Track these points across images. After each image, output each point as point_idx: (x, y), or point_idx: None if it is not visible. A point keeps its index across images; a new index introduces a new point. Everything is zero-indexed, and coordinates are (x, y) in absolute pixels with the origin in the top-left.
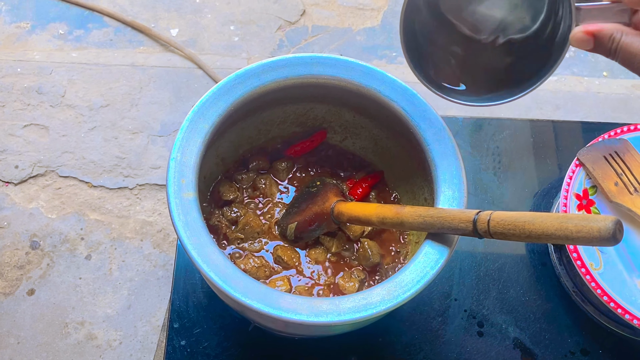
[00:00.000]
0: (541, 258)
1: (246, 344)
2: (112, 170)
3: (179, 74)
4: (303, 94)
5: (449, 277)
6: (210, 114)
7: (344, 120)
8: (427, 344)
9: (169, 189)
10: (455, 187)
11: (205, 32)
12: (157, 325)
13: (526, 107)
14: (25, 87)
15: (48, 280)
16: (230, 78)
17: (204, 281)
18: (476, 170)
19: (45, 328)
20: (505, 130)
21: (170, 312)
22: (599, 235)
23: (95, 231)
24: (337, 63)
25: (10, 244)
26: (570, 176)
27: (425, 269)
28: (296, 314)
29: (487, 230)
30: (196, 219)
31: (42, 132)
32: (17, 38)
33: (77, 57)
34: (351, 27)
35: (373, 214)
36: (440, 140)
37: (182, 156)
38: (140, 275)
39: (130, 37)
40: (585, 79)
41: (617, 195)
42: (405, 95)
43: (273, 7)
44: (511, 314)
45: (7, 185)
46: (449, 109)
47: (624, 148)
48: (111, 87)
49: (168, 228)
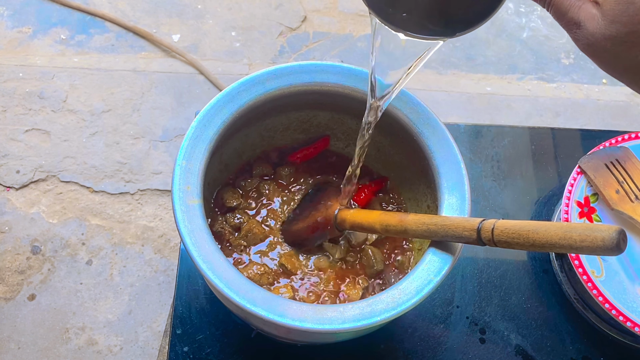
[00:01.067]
0: (543, 265)
1: (249, 351)
2: (114, 176)
3: (180, 80)
4: (307, 101)
5: (451, 284)
6: (215, 121)
7: (347, 128)
8: (429, 351)
9: (174, 195)
10: (459, 194)
11: (206, 37)
12: (158, 330)
13: (526, 114)
14: (27, 92)
15: (49, 285)
16: (235, 85)
17: (206, 287)
18: (477, 177)
19: (46, 333)
20: (505, 138)
21: (173, 318)
22: (603, 244)
23: (96, 236)
24: (341, 71)
25: (11, 248)
26: (571, 184)
27: (429, 277)
28: (301, 321)
29: (491, 238)
30: (201, 226)
31: (44, 137)
32: (19, 43)
33: (79, 62)
34: (352, 34)
35: (376, 221)
36: (444, 147)
37: (187, 163)
38: (141, 280)
39: (131, 42)
40: (585, 87)
41: (619, 203)
42: (409, 102)
43: (274, 13)
44: (513, 321)
45: (9, 190)
46: (450, 115)
47: (625, 156)
48: (113, 92)
49: (169, 233)
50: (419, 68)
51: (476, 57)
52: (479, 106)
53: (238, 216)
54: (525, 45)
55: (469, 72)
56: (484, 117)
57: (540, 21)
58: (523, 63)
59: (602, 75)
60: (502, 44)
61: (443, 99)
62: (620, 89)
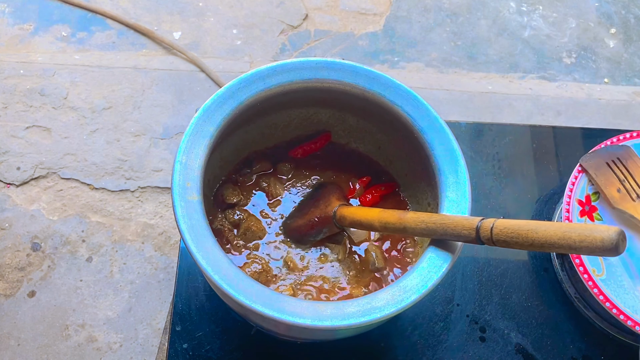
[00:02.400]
0: (543, 264)
1: (248, 348)
2: (114, 173)
3: (181, 77)
4: (308, 98)
5: (452, 282)
6: (215, 117)
7: (347, 125)
8: (429, 349)
9: (174, 191)
10: (460, 192)
11: (207, 35)
12: (158, 328)
13: (527, 113)
14: (28, 89)
15: (49, 282)
16: (236, 81)
17: (206, 284)
18: (478, 175)
19: (46, 330)
20: (506, 136)
21: (173, 315)
22: (602, 245)
23: (96, 233)
24: (343, 67)
25: (12, 245)
26: (572, 182)
27: (430, 274)
28: (300, 317)
29: (490, 238)
30: (201, 222)
31: (45, 134)
32: (20, 40)
33: (80, 59)
34: (353, 32)
35: (375, 218)
36: (445, 145)
37: (187, 159)
38: (141, 278)
39: (133, 39)
40: (587, 86)
41: (620, 201)
42: (410, 100)
43: (276, 11)
44: (513, 320)
45: (9, 187)
46: (451, 114)
47: (626, 155)
48: (113, 89)
49: (169, 231)
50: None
51: (477, 56)
52: (480, 105)
53: (238, 213)
54: (527, 44)
55: (471, 71)
56: (485, 116)
57: (542, 20)
58: (524, 62)
59: (603, 75)
60: (503, 42)
61: (444, 97)
62: (622, 88)
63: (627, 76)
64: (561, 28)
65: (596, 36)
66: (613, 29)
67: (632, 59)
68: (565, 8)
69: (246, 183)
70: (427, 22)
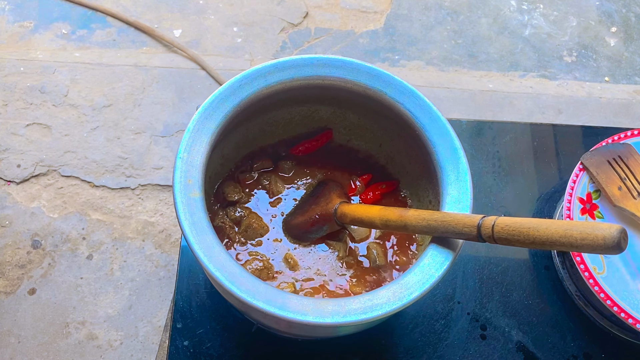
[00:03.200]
0: (544, 262)
1: (249, 345)
2: (114, 170)
3: (182, 75)
4: (309, 95)
5: (452, 280)
6: (217, 114)
7: (348, 122)
8: (429, 346)
9: (175, 188)
10: (462, 189)
11: (208, 33)
12: (159, 325)
13: (528, 112)
14: (28, 86)
15: (49, 279)
16: (237, 79)
17: (207, 282)
18: (478, 173)
19: (46, 327)
20: (507, 134)
21: (174, 312)
22: (604, 243)
23: (96, 231)
24: (344, 64)
25: (12, 243)
26: (573, 180)
27: (431, 272)
28: (301, 314)
29: (491, 235)
30: (202, 219)
31: (45, 132)
32: (21, 37)
33: (80, 56)
34: (354, 30)
35: (376, 216)
36: (446, 142)
37: (188, 156)
38: (142, 275)
39: (133, 37)
40: (587, 84)
41: (621, 199)
42: (412, 97)
43: (276, 9)
44: (514, 317)
45: (9, 184)
46: (451, 112)
47: (627, 153)
48: (114, 87)
49: (170, 229)
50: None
51: (478, 55)
52: (481, 103)
53: (239, 210)
54: (528, 43)
55: (471, 69)
56: (486, 114)
57: (542, 19)
58: (525, 60)
59: (604, 73)
60: (504, 41)
61: (444, 95)
62: (623, 87)
63: (627, 75)
64: (562, 26)
65: (597, 35)
66: (614, 27)
67: (632, 57)
68: (565, 6)
69: (247, 180)
70: (427, 20)
